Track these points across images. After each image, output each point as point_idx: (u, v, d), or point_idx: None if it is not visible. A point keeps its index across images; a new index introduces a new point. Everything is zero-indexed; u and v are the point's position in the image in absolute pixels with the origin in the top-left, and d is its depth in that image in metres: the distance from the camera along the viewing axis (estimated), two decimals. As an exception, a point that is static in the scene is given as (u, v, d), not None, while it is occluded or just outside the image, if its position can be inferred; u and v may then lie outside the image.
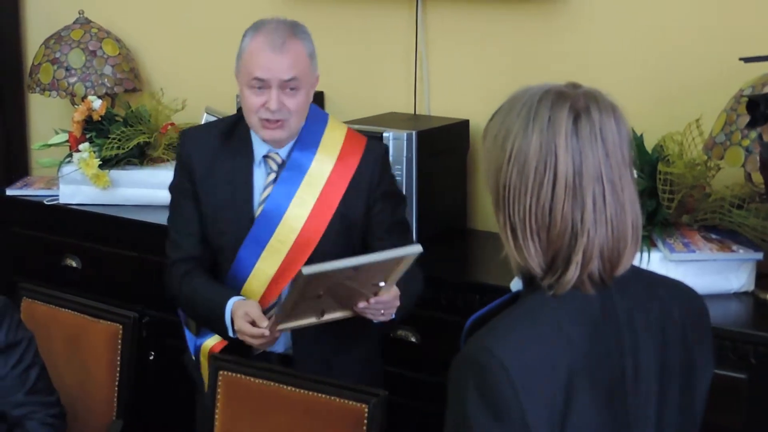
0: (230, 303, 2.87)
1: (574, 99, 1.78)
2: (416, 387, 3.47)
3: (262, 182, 2.99)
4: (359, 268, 2.61)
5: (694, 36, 3.55)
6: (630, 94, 3.36)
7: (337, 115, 3.53)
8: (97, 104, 4.28)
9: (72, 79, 4.54)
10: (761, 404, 2.96)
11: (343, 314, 2.82)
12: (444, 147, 3.83)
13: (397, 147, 3.65)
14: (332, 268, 2.58)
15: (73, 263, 4.27)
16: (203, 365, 3.09)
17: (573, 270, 1.77)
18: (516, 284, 1.88)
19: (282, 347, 3.05)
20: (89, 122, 4.29)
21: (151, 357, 3.78)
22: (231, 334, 2.88)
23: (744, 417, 2.97)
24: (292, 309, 2.71)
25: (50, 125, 4.71)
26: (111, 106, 4.46)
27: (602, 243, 1.77)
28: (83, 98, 4.37)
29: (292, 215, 2.95)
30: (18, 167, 5.08)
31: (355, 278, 2.65)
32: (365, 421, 2.73)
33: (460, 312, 3.16)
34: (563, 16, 3.79)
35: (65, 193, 4.29)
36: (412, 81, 4.11)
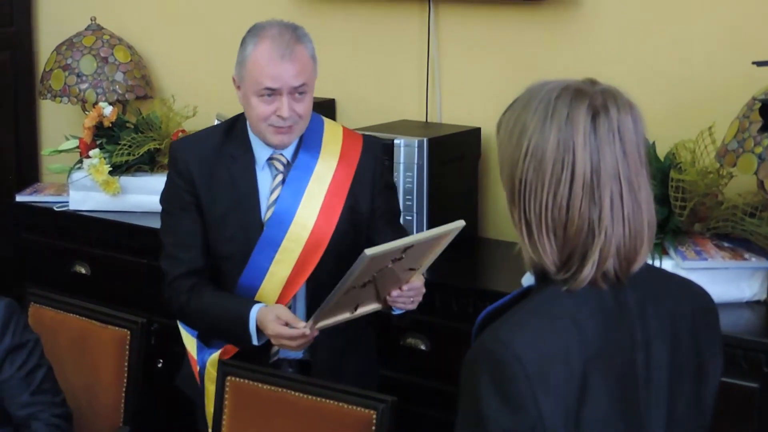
0: (254, 310, 2.84)
1: (593, 96, 1.77)
2: (426, 395, 3.45)
3: (268, 185, 2.98)
4: (409, 249, 2.62)
5: (706, 44, 3.54)
6: (642, 102, 3.30)
7: (349, 123, 3.53)
8: (108, 110, 4.28)
9: (83, 86, 4.54)
10: (774, 413, 2.94)
11: (375, 307, 2.84)
12: (455, 154, 3.82)
13: (408, 154, 3.64)
14: (390, 248, 2.59)
15: (83, 270, 4.26)
16: (212, 376, 3.05)
17: (589, 268, 1.76)
18: (527, 279, 1.87)
19: (300, 353, 3.02)
20: (100, 128, 4.29)
21: (160, 364, 3.78)
22: (255, 342, 2.85)
23: (756, 425, 2.95)
24: (338, 303, 2.70)
25: (61, 132, 4.71)
26: (122, 113, 4.46)
27: (619, 242, 1.77)
28: (94, 105, 4.37)
29: (303, 214, 2.95)
30: (29, 173, 5.09)
31: (400, 261, 2.66)
32: (373, 428, 2.72)
33: (471, 320, 3.10)
34: (575, 24, 3.78)
35: (75, 200, 4.29)
36: (424, 89, 4.10)
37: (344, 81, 4.24)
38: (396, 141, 3.64)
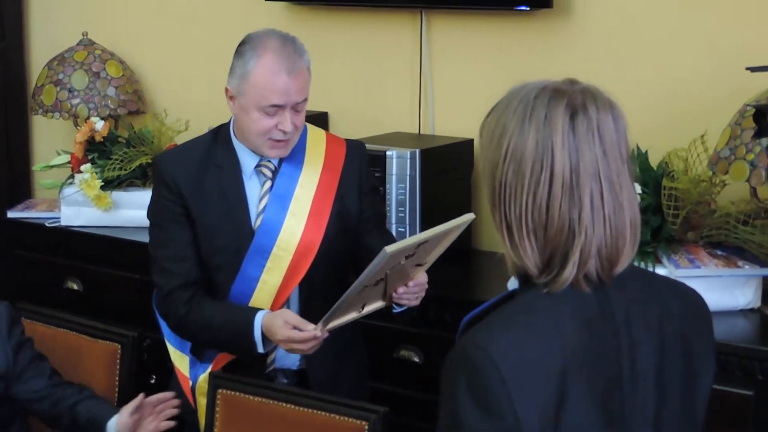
0: (259, 317, 2.82)
1: (571, 96, 1.76)
2: (420, 407, 3.43)
3: (257, 193, 2.96)
4: (422, 244, 2.63)
5: (698, 52, 3.54)
6: (634, 111, 3.30)
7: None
8: (100, 125, 4.27)
9: (75, 101, 4.53)
10: (768, 421, 2.93)
11: (380, 304, 2.83)
12: (448, 166, 3.81)
13: (401, 165, 3.63)
14: (408, 244, 2.59)
15: (75, 286, 4.24)
16: (204, 390, 3.02)
17: (570, 269, 1.74)
18: (513, 284, 1.85)
19: (296, 362, 3.01)
20: (91, 143, 4.28)
21: (153, 380, 3.76)
22: (261, 350, 2.83)
23: (751, 434, 2.93)
24: (350, 302, 2.69)
25: (53, 147, 4.70)
26: (114, 128, 4.45)
27: (600, 242, 1.74)
28: (86, 120, 4.36)
29: (292, 220, 2.94)
30: (21, 189, 5.07)
31: (412, 257, 2.66)
32: (365, 438, 2.70)
33: (464, 331, 3.13)
34: (567, 35, 3.77)
35: (67, 215, 4.27)
36: (417, 101, 4.09)
37: (337, 94, 4.24)
38: (388, 152, 3.64)
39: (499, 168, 1.76)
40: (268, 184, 2.96)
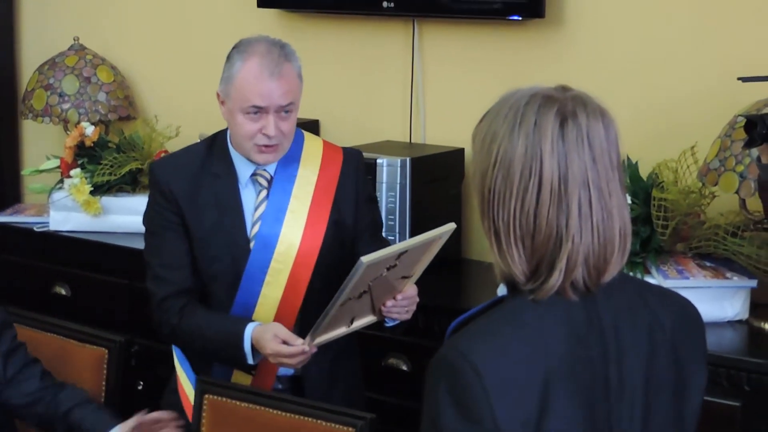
0: (249, 329, 2.80)
1: (562, 103, 1.75)
2: (408, 415, 3.42)
3: (252, 202, 2.95)
4: (403, 254, 2.61)
5: (689, 63, 3.54)
6: (625, 121, 3.31)
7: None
8: (90, 130, 4.26)
9: (65, 106, 4.52)
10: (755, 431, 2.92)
11: (370, 319, 2.82)
12: (438, 175, 3.81)
13: (391, 173, 3.63)
14: (386, 254, 2.57)
15: (63, 291, 4.23)
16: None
17: (556, 276, 1.73)
18: (502, 291, 1.84)
19: (291, 369, 2.99)
20: (81, 148, 4.27)
21: (140, 387, 3.74)
22: (251, 361, 2.82)
23: (738, 445, 2.93)
24: (335, 316, 2.67)
25: (43, 152, 4.68)
26: (105, 133, 4.44)
27: (587, 250, 1.73)
28: (76, 125, 4.35)
29: (288, 232, 2.92)
30: (10, 193, 5.05)
31: (394, 268, 2.65)
32: (352, 445, 2.69)
33: (452, 340, 3.12)
34: (559, 44, 3.78)
35: (56, 220, 4.26)
36: (408, 109, 4.09)
37: (328, 102, 4.23)
38: (379, 160, 3.63)
39: (489, 174, 1.76)
40: (264, 193, 2.95)
